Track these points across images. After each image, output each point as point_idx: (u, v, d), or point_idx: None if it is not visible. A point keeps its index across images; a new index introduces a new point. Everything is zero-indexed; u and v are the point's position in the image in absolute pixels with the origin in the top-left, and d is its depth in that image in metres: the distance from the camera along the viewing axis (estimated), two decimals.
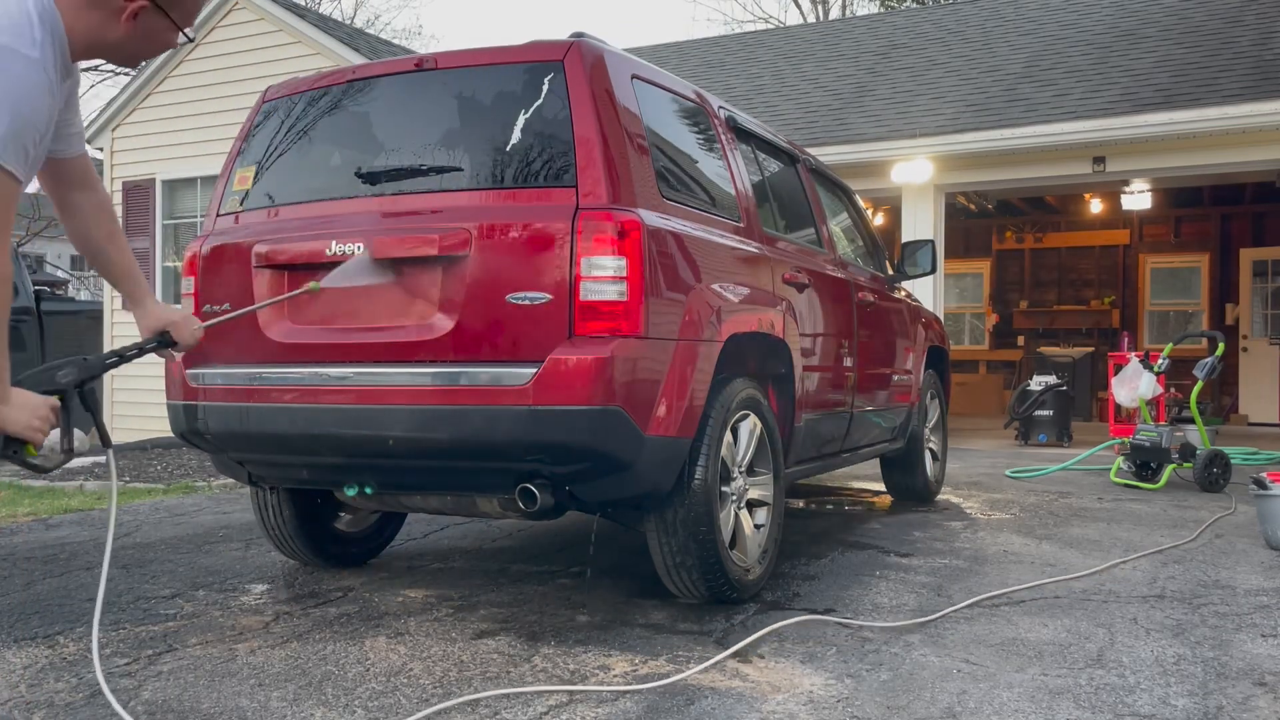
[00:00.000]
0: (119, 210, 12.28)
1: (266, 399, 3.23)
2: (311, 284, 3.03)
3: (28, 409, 2.01)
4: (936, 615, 3.34)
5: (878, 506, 5.80)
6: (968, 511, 5.62)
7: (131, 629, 3.23)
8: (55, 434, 2.12)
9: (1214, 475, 6.38)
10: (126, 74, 20.25)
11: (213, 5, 11.47)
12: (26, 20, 1.87)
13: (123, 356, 2.35)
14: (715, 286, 3.32)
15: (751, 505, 3.56)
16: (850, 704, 2.54)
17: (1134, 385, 7.21)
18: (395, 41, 18.88)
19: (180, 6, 2.05)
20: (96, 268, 2.41)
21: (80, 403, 2.20)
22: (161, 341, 2.44)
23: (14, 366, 1.97)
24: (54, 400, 2.10)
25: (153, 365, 8.74)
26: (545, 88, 3.13)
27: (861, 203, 5.90)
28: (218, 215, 3.62)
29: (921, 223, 9.69)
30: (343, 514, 4.12)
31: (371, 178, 3.32)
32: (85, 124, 12.79)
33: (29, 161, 1.88)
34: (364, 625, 3.27)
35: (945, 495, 6.19)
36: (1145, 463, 6.74)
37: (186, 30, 2.10)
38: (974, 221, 14.32)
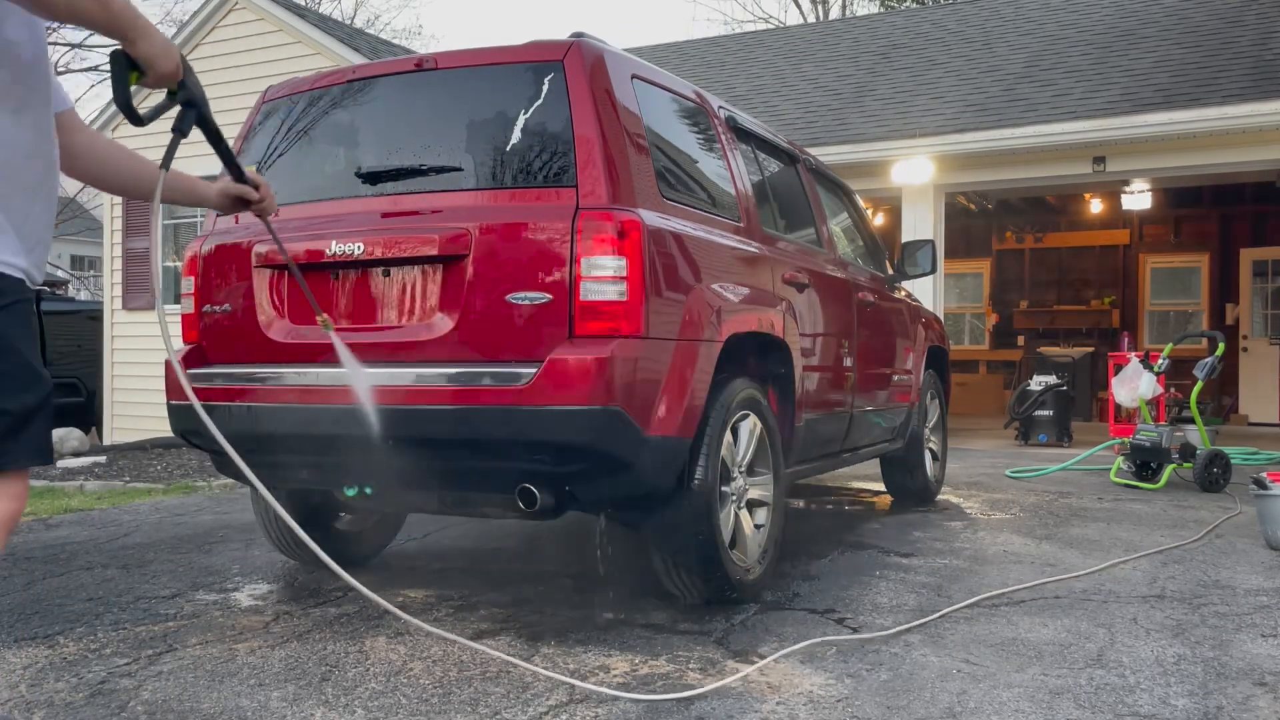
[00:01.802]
0: (119, 210, 12.29)
1: (267, 399, 3.23)
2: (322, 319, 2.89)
3: (162, 43, 1.92)
4: (936, 615, 3.34)
5: (878, 506, 5.80)
6: (968, 511, 5.62)
7: (131, 629, 3.23)
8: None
9: (1214, 475, 6.38)
10: None
11: (213, 5, 11.48)
12: None
13: (220, 136, 2.34)
14: (715, 286, 3.32)
15: (751, 505, 3.56)
16: (850, 704, 2.54)
17: (1134, 385, 7.21)
18: (395, 41, 18.88)
19: None
20: (130, 189, 2.24)
21: (181, 117, 2.17)
22: (243, 176, 2.43)
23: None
24: (182, 67, 2.06)
25: (153, 365, 8.73)
26: (545, 88, 3.13)
27: (861, 203, 5.90)
28: (218, 215, 3.62)
29: (921, 223, 9.69)
30: (343, 514, 4.12)
31: (372, 178, 3.32)
32: (86, 124, 12.73)
33: None
34: (364, 625, 3.27)
35: (945, 495, 6.19)
36: (1145, 463, 6.74)
37: None
38: (974, 221, 14.32)
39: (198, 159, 3.06)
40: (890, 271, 5.62)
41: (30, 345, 1.81)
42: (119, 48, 1.94)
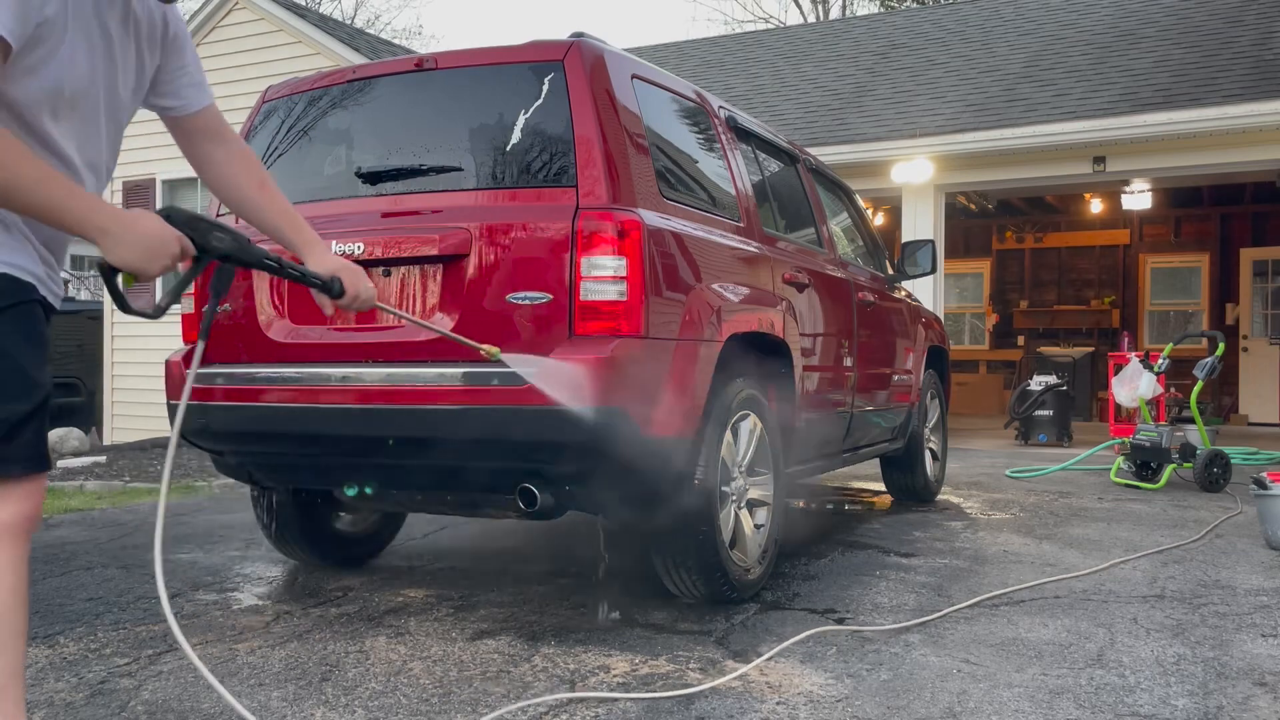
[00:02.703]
0: None
1: (267, 399, 3.23)
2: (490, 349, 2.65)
3: (146, 240, 1.72)
4: (936, 615, 3.34)
5: (878, 506, 5.80)
6: (968, 511, 5.62)
7: (131, 629, 3.23)
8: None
9: (1214, 475, 6.38)
10: None
11: (213, 5, 11.48)
12: None
13: (281, 266, 2.03)
14: (715, 286, 3.32)
15: (751, 505, 3.56)
16: (850, 704, 2.54)
17: (1134, 385, 7.21)
18: (395, 41, 18.89)
19: None
20: (247, 219, 2.16)
21: (218, 276, 1.92)
22: (328, 286, 2.10)
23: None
24: (187, 244, 1.81)
25: (153, 365, 8.73)
26: (545, 88, 3.13)
27: (861, 203, 5.90)
28: (218, 215, 3.62)
29: (921, 223, 9.69)
30: (343, 514, 4.12)
31: (372, 178, 3.32)
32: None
33: (20, 19, 1.61)
34: (364, 625, 3.27)
35: (945, 495, 6.19)
36: (1145, 463, 6.74)
37: None
38: (974, 221, 14.32)
39: None
40: (890, 271, 5.62)
41: (27, 350, 1.77)
42: (101, 259, 1.74)
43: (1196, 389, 6.95)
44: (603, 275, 2.90)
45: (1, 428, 1.75)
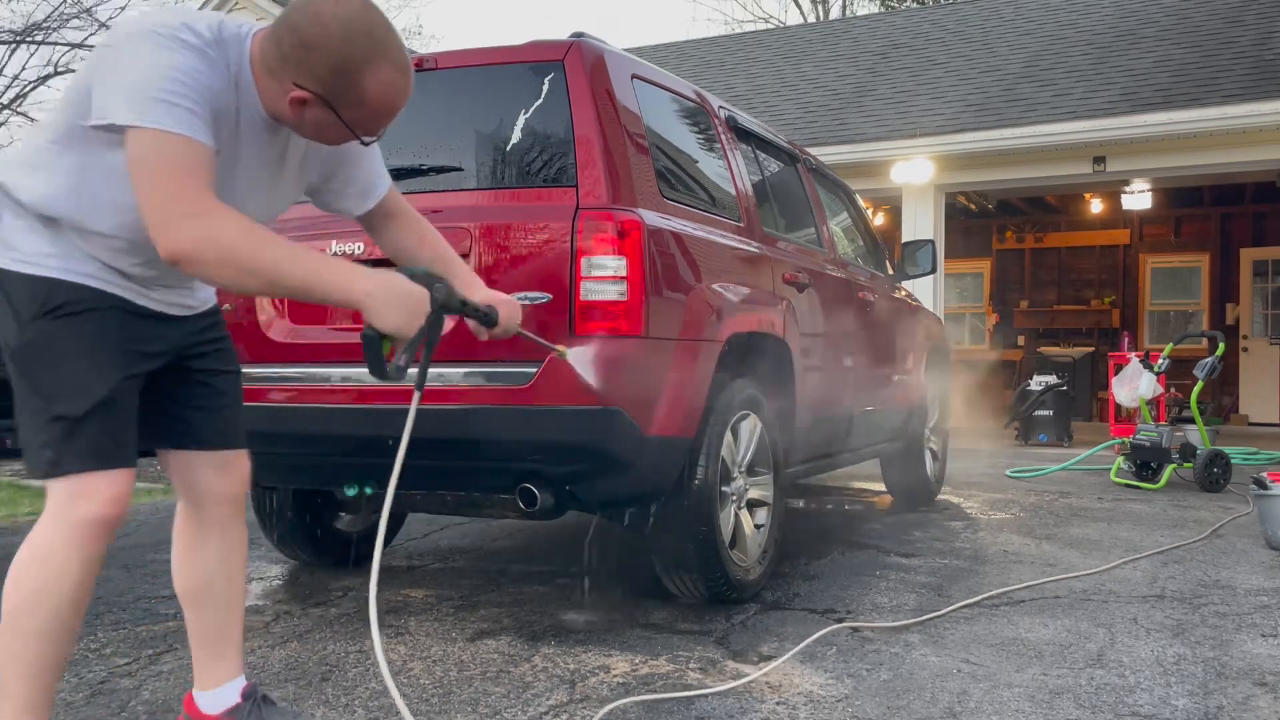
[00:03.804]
0: None
1: (267, 399, 3.22)
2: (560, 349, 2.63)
3: (408, 299, 1.85)
4: (936, 614, 3.34)
5: (878, 506, 5.80)
6: (968, 511, 5.62)
7: (131, 629, 3.23)
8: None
9: (1214, 475, 6.38)
10: None
11: (213, 5, 11.48)
12: (202, 26, 1.80)
13: (465, 307, 2.11)
14: (715, 286, 3.32)
15: (751, 505, 3.56)
16: (850, 704, 2.54)
17: (1134, 385, 7.21)
18: None
19: (353, 109, 1.83)
20: (400, 251, 2.27)
21: (432, 327, 1.97)
22: (487, 317, 2.18)
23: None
24: (425, 291, 1.90)
25: None
26: (545, 88, 3.13)
27: (861, 203, 5.90)
28: None
29: (921, 223, 9.69)
30: (343, 514, 4.12)
31: None
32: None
33: (183, 114, 1.71)
34: (364, 625, 3.26)
35: (945, 495, 6.19)
36: (1145, 463, 6.74)
37: (364, 138, 1.91)
38: (974, 221, 14.31)
39: None
40: (890, 271, 5.62)
41: (86, 353, 1.87)
42: (367, 327, 1.85)
43: (1196, 389, 6.95)
44: (603, 275, 2.90)
45: (63, 424, 1.84)
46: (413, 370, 1.98)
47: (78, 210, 1.86)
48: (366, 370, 1.96)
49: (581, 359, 2.67)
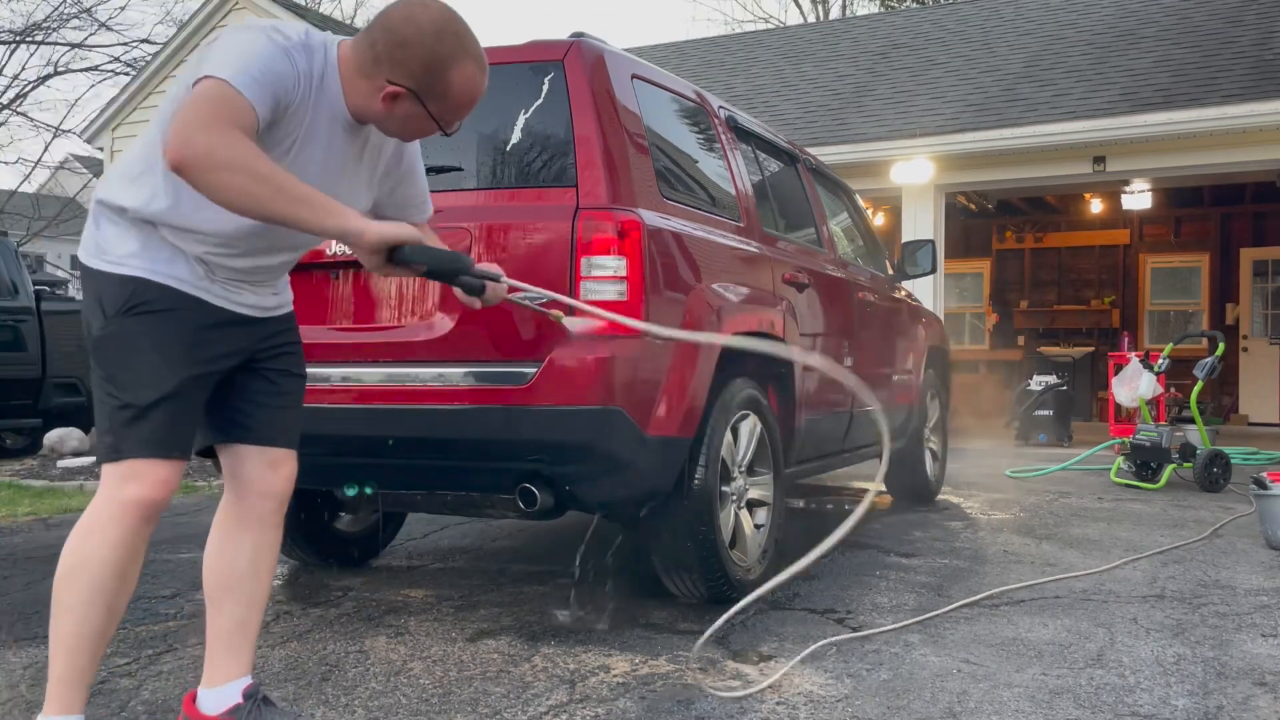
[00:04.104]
0: None
1: None
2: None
3: (394, 231, 1.97)
4: (935, 613, 3.34)
5: (878, 506, 5.80)
6: (968, 511, 5.62)
7: (131, 629, 3.23)
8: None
9: (1214, 475, 6.38)
10: (127, 74, 20.25)
11: (213, 5, 11.48)
12: (293, 31, 1.98)
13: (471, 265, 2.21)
14: (715, 286, 3.32)
15: (751, 505, 3.56)
16: (850, 703, 2.54)
17: (1134, 385, 7.21)
18: None
19: (439, 102, 2.03)
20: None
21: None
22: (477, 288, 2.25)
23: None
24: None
25: None
26: (545, 87, 3.13)
27: (861, 203, 5.90)
28: None
29: (921, 223, 9.69)
30: (343, 514, 4.12)
31: None
32: (86, 125, 12.81)
33: (259, 89, 1.86)
34: (364, 625, 3.27)
35: (945, 495, 6.20)
36: (1145, 463, 6.74)
37: (446, 129, 2.09)
38: (974, 221, 14.31)
39: None
40: (890, 271, 5.62)
41: (162, 347, 2.02)
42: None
43: (1196, 389, 6.95)
44: (603, 275, 2.90)
45: (129, 411, 2.00)
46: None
47: (176, 209, 2.00)
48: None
49: (580, 327, 2.65)
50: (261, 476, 2.26)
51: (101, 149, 12.63)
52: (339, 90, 2.03)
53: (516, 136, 3.14)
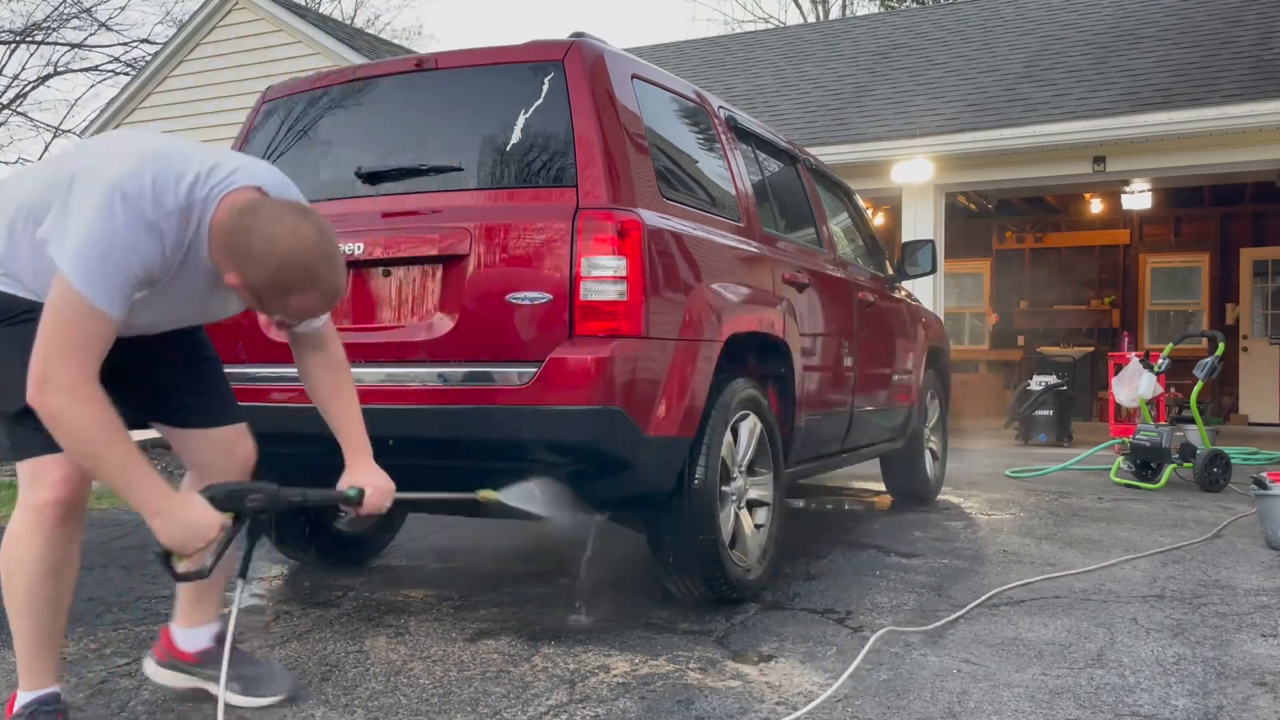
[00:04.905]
0: None
1: (267, 399, 3.23)
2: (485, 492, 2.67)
3: (188, 526, 2.06)
4: (943, 621, 3.33)
5: (878, 506, 5.80)
6: (968, 511, 5.62)
7: (131, 629, 3.23)
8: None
9: (1214, 475, 6.38)
10: (127, 74, 20.26)
11: (213, 5, 11.48)
12: (170, 193, 2.01)
13: (306, 499, 2.36)
14: (715, 286, 3.32)
15: (751, 505, 3.56)
16: (850, 704, 2.54)
17: (1134, 385, 7.21)
18: (395, 41, 18.89)
19: (275, 311, 2.08)
20: (322, 414, 2.51)
21: (248, 529, 2.25)
22: (348, 498, 2.43)
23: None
24: (226, 519, 2.14)
25: None
26: (545, 87, 3.13)
27: (861, 202, 5.90)
28: None
29: (921, 223, 9.69)
30: (342, 514, 4.11)
31: (372, 178, 3.32)
32: (86, 125, 12.83)
33: (119, 298, 1.97)
34: (364, 625, 3.27)
35: (945, 495, 6.20)
36: (1145, 463, 6.74)
37: (281, 321, 2.15)
38: (974, 221, 14.31)
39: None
40: (890, 271, 5.62)
41: (21, 358, 2.02)
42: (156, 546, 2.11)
43: (1196, 389, 6.95)
44: (603, 275, 2.89)
45: (6, 419, 2.16)
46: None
47: (10, 258, 2.13)
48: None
49: (513, 492, 2.68)
50: (218, 462, 2.40)
51: None
52: (208, 237, 2.08)
53: (516, 136, 3.14)
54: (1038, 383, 10.01)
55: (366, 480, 2.45)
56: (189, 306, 2.25)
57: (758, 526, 3.58)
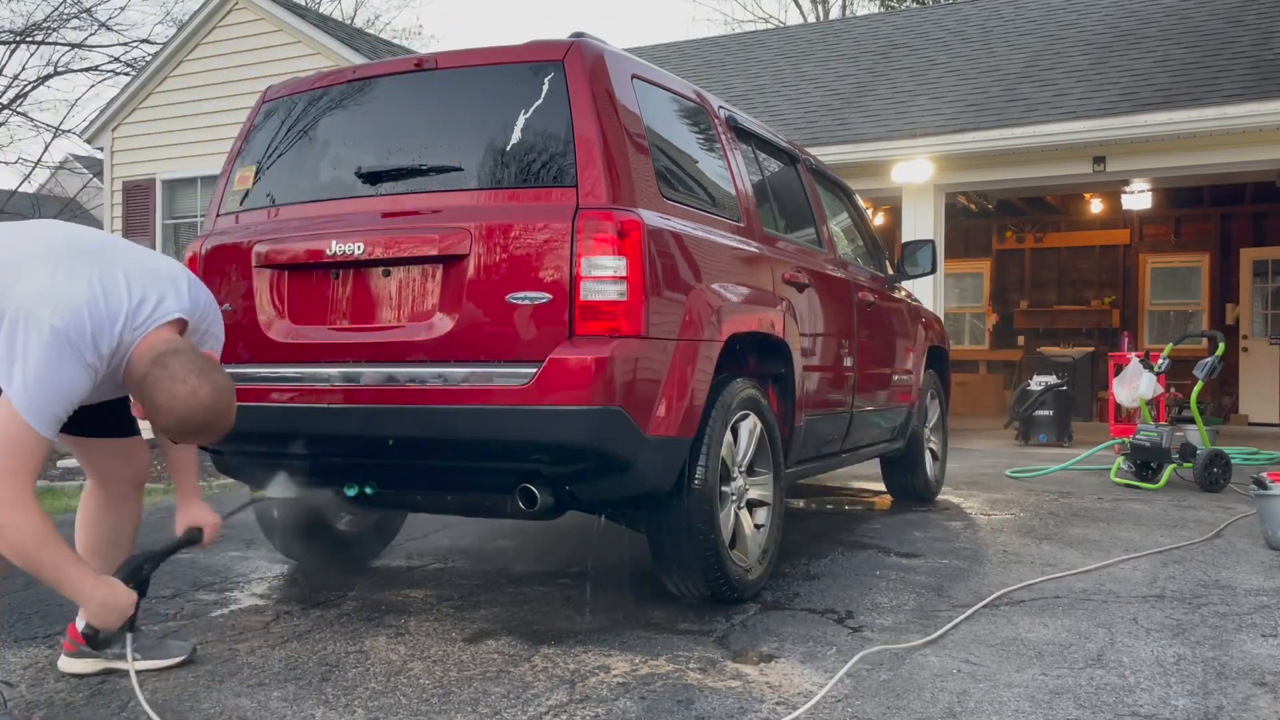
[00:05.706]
0: (119, 210, 12.28)
1: (267, 399, 3.23)
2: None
3: (115, 609, 2.41)
4: (946, 628, 3.33)
5: (878, 506, 5.80)
6: (968, 511, 5.62)
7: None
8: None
9: (1214, 475, 6.38)
10: (127, 74, 20.26)
11: (213, 5, 11.48)
12: (105, 339, 2.29)
13: (167, 551, 2.69)
14: (715, 286, 3.32)
15: (751, 505, 3.56)
16: (850, 704, 2.54)
17: (1134, 385, 7.21)
18: (395, 41, 18.89)
19: (157, 423, 2.37)
20: (164, 457, 2.85)
21: (140, 587, 2.59)
22: (193, 539, 2.78)
23: None
24: (134, 595, 2.49)
25: None
26: (545, 87, 3.12)
27: (861, 203, 5.90)
28: (218, 215, 3.62)
29: (921, 223, 9.69)
30: (343, 514, 4.12)
31: (372, 177, 3.32)
32: (86, 125, 12.84)
33: (57, 425, 2.28)
34: (364, 625, 3.27)
35: (945, 495, 6.19)
36: (1145, 463, 6.74)
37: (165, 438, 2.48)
38: (974, 221, 14.31)
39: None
40: (890, 271, 5.62)
41: None
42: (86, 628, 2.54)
43: (1196, 389, 6.95)
44: (603, 275, 2.89)
45: None
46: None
47: None
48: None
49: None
50: (117, 469, 2.75)
51: (101, 149, 12.64)
52: (126, 364, 2.37)
53: (516, 136, 3.14)
54: (1038, 383, 10.01)
55: (203, 519, 2.80)
56: (108, 395, 2.54)
57: (758, 526, 3.58)
